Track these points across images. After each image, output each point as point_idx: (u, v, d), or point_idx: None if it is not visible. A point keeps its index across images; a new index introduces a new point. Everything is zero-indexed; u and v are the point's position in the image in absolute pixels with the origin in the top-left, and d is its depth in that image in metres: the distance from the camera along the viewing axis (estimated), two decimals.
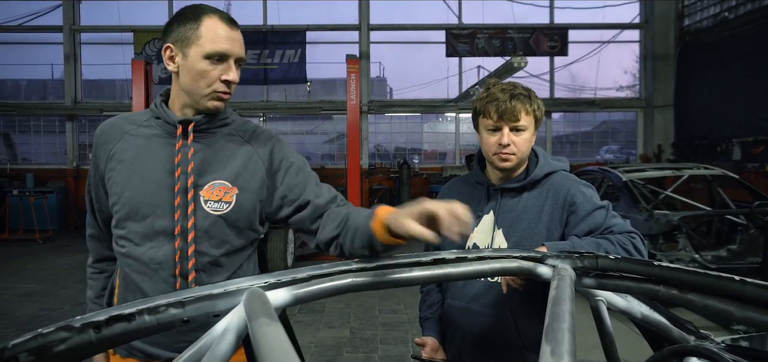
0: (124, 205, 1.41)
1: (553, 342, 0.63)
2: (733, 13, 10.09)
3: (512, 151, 1.60)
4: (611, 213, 1.56)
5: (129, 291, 1.44)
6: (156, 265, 1.40)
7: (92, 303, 1.63)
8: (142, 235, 1.40)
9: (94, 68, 12.49)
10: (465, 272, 1.28)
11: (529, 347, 1.62)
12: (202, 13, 1.39)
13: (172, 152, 1.42)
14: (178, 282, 1.41)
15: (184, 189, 1.40)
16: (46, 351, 1.02)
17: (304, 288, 1.14)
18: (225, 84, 1.40)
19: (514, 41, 11.86)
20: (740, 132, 9.55)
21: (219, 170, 1.44)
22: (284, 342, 0.71)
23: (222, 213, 1.42)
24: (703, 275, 1.03)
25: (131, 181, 1.41)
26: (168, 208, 1.40)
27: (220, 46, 1.37)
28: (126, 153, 1.44)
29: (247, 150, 1.48)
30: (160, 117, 1.45)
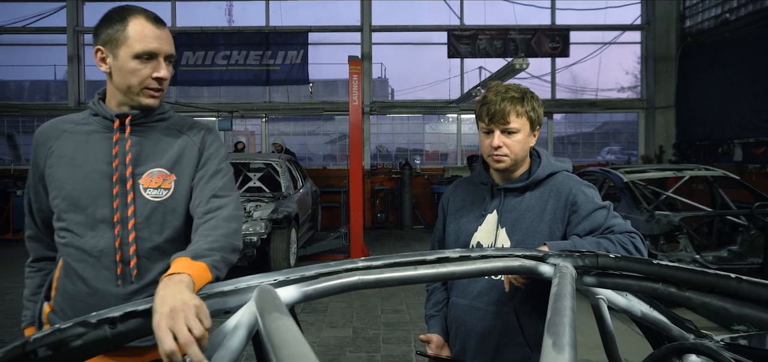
0: (65, 198, 1.47)
1: (555, 335, 0.66)
2: (734, 15, 10.10)
3: (504, 152, 1.63)
4: (612, 214, 1.59)
5: (70, 280, 1.48)
6: (98, 253, 1.45)
7: (27, 301, 1.66)
8: (83, 225, 1.46)
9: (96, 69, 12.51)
10: (468, 270, 1.31)
11: (532, 344, 1.64)
12: (128, 14, 1.44)
13: (110, 144, 1.48)
14: (119, 268, 1.45)
15: (123, 178, 1.46)
16: (63, 345, 1.06)
17: (313, 285, 1.17)
18: (156, 81, 1.46)
19: (515, 42, 11.88)
20: (741, 133, 9.56)
21: (156, 159, 1.50)
22: (297, 335, 0.74)
23: (161, 200, 1.49)
24: (700, 273, 1.06)
25: (71, 174, 1.47)
26: (107, 198, 1.45)
27: (148, 45, 1.42)
28: (65, 149, 1.49)
29: (182, 139, 1.56)
30: (97, 113, 1.51)
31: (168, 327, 0.96)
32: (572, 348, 0.61)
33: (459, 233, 1.77)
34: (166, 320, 0.97)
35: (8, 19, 11.98)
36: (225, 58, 11.82)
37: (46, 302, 1.56)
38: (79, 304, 1.45)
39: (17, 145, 12.70)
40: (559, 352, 0.60)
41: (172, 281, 1.09)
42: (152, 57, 1.44)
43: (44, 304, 1.56)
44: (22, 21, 11.98)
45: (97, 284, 1.45)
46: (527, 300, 1.63)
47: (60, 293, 1.51)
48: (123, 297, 1.44)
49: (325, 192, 11.18)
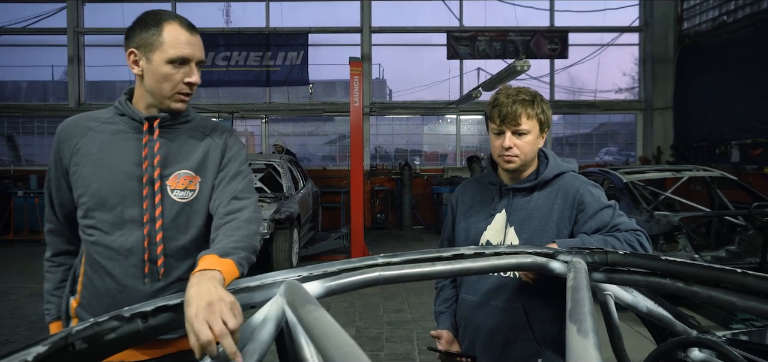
0: (92, 197, 1.50)
1: (578, 323, 0.71)
2: (731, 17, 10.19)
3: (515, 153, 1.68)
4: (618, 212, 1.65)
5: (98, 276, 1.52)
6: (126, 251, 1.49)
7: (50, 295, 1.68)
8: (111, 224, 1.49)
9: (96, 69, 12.54)
10: (482, 267, 1.36)
11: (540, 340, 1.70)
12: (163, 19, 1.48)
13: (139, 146, 1.52)
14: (146, 266, 1.50)
15: (151, 180, 1.51)
16: (98, 338, 1.11)
17: (336, 280, 1.22)
18: (187, 86, 1.50)
19: (514, 44, 11.95)
20: (739, 134, 9.64)
21: (183, 161, 1.55)
22: (335, 325, 0.79)
23: (188, 201, 1.54)
24: (707, 268, 1.11)
25: (98, 173, 1.50)
26: (136, 198, 1.50)
27: (182, 51, 1.46)
28: (91, 148, 1.53)
29: (206, 141, 1.60)
30: (125, 114, 1.55)
31: (205, 319, 1.01)
32: (595, 334, 0.66)
33: (468, 232, 1.82)
34: (204, 312, 1.01)
35: (8, 20, 11.99)
36: (225, 59, 11.86)
37: (71, 296, 1.60)
38: (107, 300, 1.50)
39: (17, 146, 12.70)
40: (585, 337, 0.65)
41: (204, 277, 1.13)
42: (185, 62, 1.48)
43: (71, 299, 1.60)
44: (23, 22, 12.00)
45: (126, 281, 1.49)
46: (535, 296, 1.68)
47: (87, 288, 1.55)
48: (150, 294, 1.49)
49: (325, 192, 11.23)
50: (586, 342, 0.64)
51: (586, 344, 0.63)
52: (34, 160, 12.64)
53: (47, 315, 1.68)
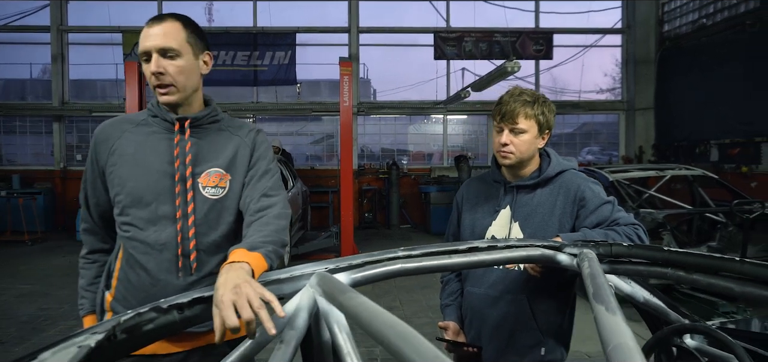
0: (128, 195, 1.56)
1: (604, 303, 0.79)
2: (710, 20, 10.47)
3: (510, 150, 1.77)
4: (617, 208, 1.74)
5: (133, 271, 1.58)
6: (160, 246, 1.55)
7: (85, 291, 1.73)
8: (146, 220, 1.56)
9: (79, 68, 12.38)
10: (495, 259, 1.44)
11: (544, 330, 1.79)
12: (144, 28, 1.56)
13: (171, 145, 1.58)
14: (180, 261, 1.56)
15: (183, 177, 1.57)
16: (137, 329, 1.16)
17: (361, 272, 1.29)
18: (154, 77, 1.52)
19: (500, 44, 12.12)
20: (718, 134, 9.91)
21: (213, 159, 1.61)
22: (379, 308, 0.86)
23: (219, 198, 1.60)
24: (707, 257, 1.21)
25: (133, 173, 1.57)
26: (169, 195, 1.56)
27: (143, 45, 1.53)
28: (127, 148, 1.59)
29: (235, 140, 1.67)
30: (157, 115, 1.61)
31: (232, 301, 1.07)
32: (620, 310, 0.75)
33: (474, 227, 1.90)
34: (230, 295, 1.08)
35: None
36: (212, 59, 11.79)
37: (106, 290, 1.65)
38: (141, 293, 1.55)
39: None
40: (613, 314, 0.73)
41: (233, 268, 1.19)
42: (148, 56, 1.53)
43: (105, 293, 1.65)
44: (4, 19, 11.81)
45: (160, 275, 1.55)
46: (539, 289, 1.77)
47: (122, 282, 1.61)
48: (183, 288, 1.54)
49: (314, 192, 11.25)
50: (616, 318, 0.72)
51: (616, 319, 0.71)
52: (16, 160, 12.44)
53: (81, 310, 1.73)
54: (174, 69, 1.54)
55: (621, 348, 0.63)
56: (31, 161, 12.34)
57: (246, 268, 1.22)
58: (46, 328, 5.05)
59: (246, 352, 1.18)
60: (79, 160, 12.17)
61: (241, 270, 1.19)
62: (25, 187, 11.01)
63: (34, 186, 11.16)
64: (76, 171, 11.69)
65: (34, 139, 12.51)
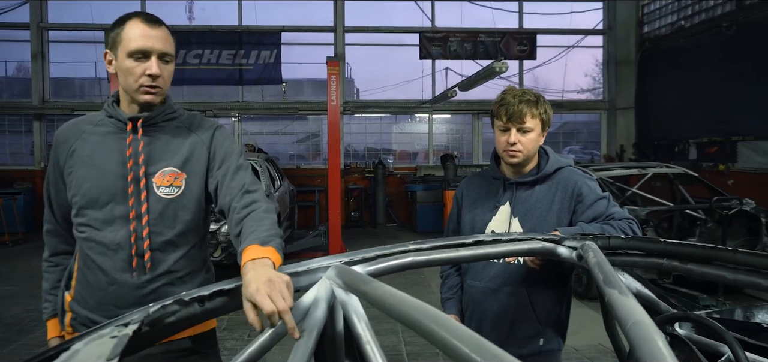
0: (84, 196, 1.57)
1: (616, 287, 0.86)
2: (688, 22, 10.74)
3: (518, 149, 1.84)
4: (612, 203, 1.82)
5: (90, 271, 1.59)
6: (115, 246, 1.56)
7: (48, 294, 1.74)
8: (102, 221, 1.57)
9: (57, 66, 12.18)
10: (500, 251, 1.51)
11: (542, 320, 1.86)
12: (127, 17, 1.55)
13: (124, 146, 1.59)
14: (134, 260, 1.57)
15: (137, 177, 1.57)
16: (159, 322, 1.20)
17: (374, 265, 1.34)
18: (150, 78, 1.54)
19: (485, 44, 12.25)
20: (696, 133, 10.17)
21: (168, 159, 1.61)
22: (402, 293, 0.92)
23: (173, 197, 1.60)
24: (700, 247, 1.29)
25: (90, 173, 1.58)
26: (123, 196, 1.57)
27: (140, 43, 1.52)
28: (84, 149, 1.60)
29: (192, 139, 1.66)
30: (112, 115, 1.62)
31: (267, 293, 1.10)
32: (631, 293, 0.81)
33: (474, 223, 1.97)
34: (265, 287, 1.11)
35: None
36: (197, 57, 11.72)
37: (66, 291, 1.66)
38: (99, 293, 1.57)
39: None
40: (626, 296, 0.80)
41: (258, 264, 1.22)
42: (145, 55, 1.53)
43: (65, 293, 1.66)
44: None
45: (115, 274, 1.56)
46: (537, 281, 1.84)
47: (80, 282, 1.62)
48: (138, 286, 1.57)
49: (300, 191, 11.25)
50: (630, 300, 0.78)
51: (630, 301, 0.77)
52: None
53: (45, 313, 1.73)
54: (167, 73, 1.58)
55: (639, 324, 0.69)
56: (9, 161, 12.10)
57: (269, 264, 1.25)
58: (33, 330, 5.00)
59: (265, 344, 1.22)
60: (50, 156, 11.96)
61: (267, 266, 1.22)
62: (4, 187, 10.80)
63: (13, 186, 10.96)
64: None
65: (12, 139, 12.27)
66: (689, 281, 5.68)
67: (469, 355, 0.66)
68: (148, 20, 1.55)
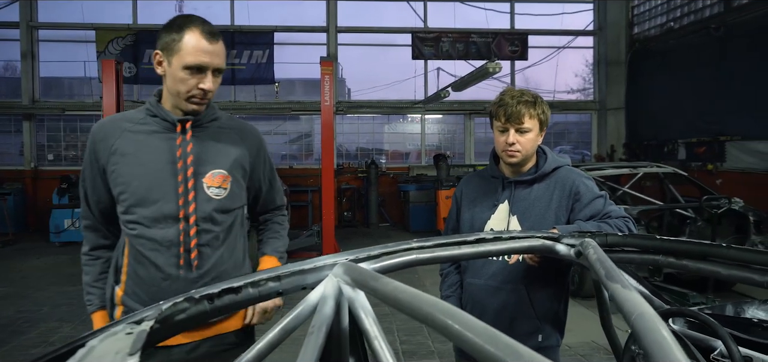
0: (133, 194, 1.61)
1: (619, 281, 0.89)
2: (678, 23, 10.87)
3: (517, 149, 1.88)
4: (609, 202, 1.87)
5: (142, 267, 1.63)
6: (167, 243, 1.61)
7: (91, 287, 1.77)
8: (151, 219, 1.61)
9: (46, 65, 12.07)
10: (500, 249, 1.54)
11: (540, 316, 1.90)
12: (186, 25, 1.57)
13: (173, 146, 1.63)
14: (182, 259, 1.62)
15: (186, 177, 1.63)
16: (170, 319, 1.22)
17: (379, 262, 1.37)
18: (202, 91, 1.59)
19: (477, 45, 12.33)
20: (685, 133, 10.30)
21: (216, 161, 1.68)
22: (414, 289, 0.94)
23: (220, 198, 1.68)
24: (695, 244, 1.33)
25: (136, 172, 1.62)
26: (173, 195, 1.61)
27: (198, 59, 1.56)
28: (128, 148, 1.63)
29: (239, 145, 1.75)
30: (157, 115, 1.65)
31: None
32: (634, 287, 0.85)
33: (473, 221, 2.00)
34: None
35: None
36: None
37: (116, 285, 1.69)
38: (153, 288, 1.60)
39: None
40: (629, 290, 0.83)
41: None
42: (201, 69, 1.57)
43: (115, 288, 1.69)
44: None
45: (169, 270, 1.61)
46: (537, 278, 1.88)
47: (131, 277, 1.65)
48: (190, 282, 1.60)
49: (292, 191, 11.24)
50: (632, 293, 0.81)
51: (633, 294, 0.81)
52: None
53: (90, 306, 1.75)
54: (217, 86, 1.64)
55: (643, 316, 0.72)
56: None
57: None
58: (27, 330, 4.97)
59: (273, 340, 1.25)
60: (50, 159, 11.89)
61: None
62: None
63: (3, 187, 10.85)
64: (47, 171, 11.42)
65: (1, 139, 12.16)
66: (679, 279, 5.77)
67: (483, 346, 0.69)
68: (208, 35, 1.57)
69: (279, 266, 1.36)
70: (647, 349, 0.65)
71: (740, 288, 6.03)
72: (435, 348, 4.59)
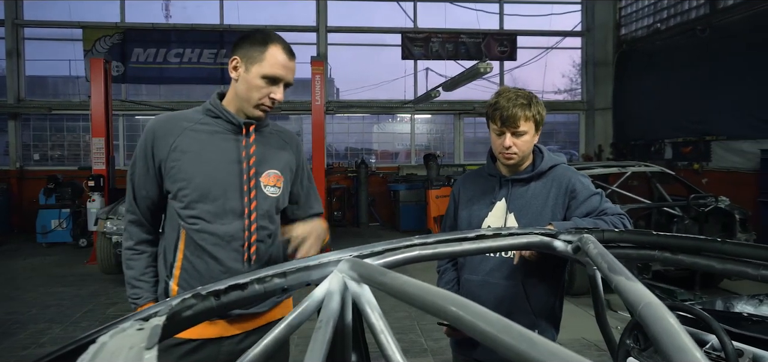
0: (195, 189, 1.69)
1: (622, 274, 0.92)
2: (664, 25, 11.02)
3: (514, 151, 1.90)
4: (604, 199, 1.90)
5: (201, 261, 1.70)
6: (229, 238, 1.70)
7: (137, 281, 1.80)
8: (213, 214, 1.69)
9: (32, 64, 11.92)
10: (500, 245, 1.57)
11: (536, 312, 1.93)
12: (270, 41, 1.71)
13: (238, 146, 1.75)
14: (245, 254, 1.72)
15: (248, 176, 1.73)
16: (177, 315, 1.23)
17: (382, 258, 1.39)
18: (272, 101, 1.74)
19: (466, 45, 12.40)
20: (672, 133, 10.45)
21: (271, 162, 1.81)
22: (422, 282, 0.97)
23: (275, 196, 1.81)
24: (691, 239, 1.36)
25: (200, 169, 1.70)
26: (237, 192, 1.72)
27: (277, 71, 1.70)
28: (190, 146, 1.71)
29: (287, 150, 1.89)
30: (219, 116, 1.75)
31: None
32: (636, 279, 0.88)
33: (471, 219, 2.03)
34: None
35: None
36: (177, 56, 11.61)
37: (169, 280, 1.74)
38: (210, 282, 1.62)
39: None
40: (633, 282, 0.86)
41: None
42: (276, 81, 1.71)
43: (169, 282, 1.74)
44: None
45: (229, 264, 1.69)
46: (533, 274, 1.91)
47: (187, 271, 1.71)
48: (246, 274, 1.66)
49: None
50: (636, 284, 0.84)
51: (637, 285, 0.84)
52: None
53: (138, 299, 1.77)
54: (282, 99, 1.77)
55: (650, 305, 0.75)
56: None
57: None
58: (16, 332, 4.92)
59: (279, 336, 1.26)
60: (36, 159, 11.75)
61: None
62: None
63: None
64: (33, 171, 11.28)
65: None
66: (667, 277, 5.86)
67: (497, 336, 0.71)
68: (289, 52, 1.73)
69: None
70: (656, 337, 0.67)
71: (726, 285, 6.14)
72: (428, 346, 4.62)
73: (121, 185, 9.02)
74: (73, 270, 7.51)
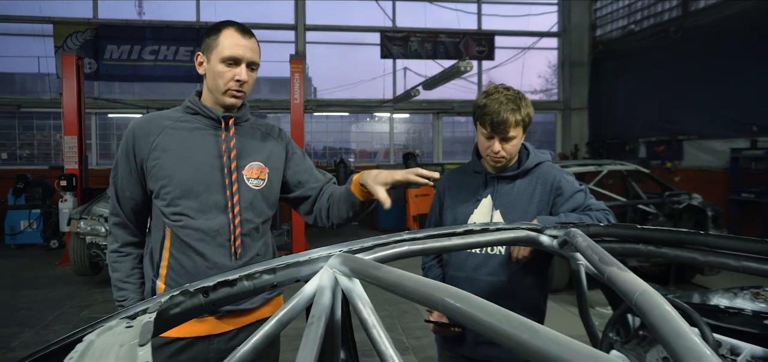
0: (177, 186, 1.67)
1: (614, 264, 0.94)
2: (638, 26, 11.26)
3: (502, 155, 1.90)
4: (589, 195, 1.93)
5: (187, 257, 1.68)
6: (214, 233, 1.68)
7: (123, 283, 1.78)
8: (197, 210, 1.68)
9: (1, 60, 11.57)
10: (488, 240, 1.58)
11: (523, 308, 1.94)
12: (223, 26, 1.70)
13: (217, 140, 1.73)
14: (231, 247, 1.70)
15: (229, 170, 1.71)
16: (165, 313, 1.21)
17: (373, 253, 1.39)
18: (238, 83, 1.70)
19: (445, 45, 12.46)
20: (645, 133, 10.68)
21: (254, 154, 1.79)
22: (417, 275, 0.97)
23: (260, 188, 1.78)
24: (674, 232, 1.39)
25: (181, 165, 1.68)
26: (219, 186, 1.71)
27: (233, 51, 1.67)
28: (170, 143, 1.69)
29: (271, 142, 1.87)
30: (199, 112, 1.74)
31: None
32: (627, 269, 0.89)
33: (456, 216, 2.03)
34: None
35: None
36: (153, 54, 11.40)
37: (156, 279, 1.72)
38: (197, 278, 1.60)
39: None
40: (625, 271, 0.88)
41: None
42: (236, 62, 1.68)
43: (156, 281, 1.71)
44: None
45: (215, 258, 1.67)
46: (518, 270, 1.92)
47: (174, 269, 1.68)
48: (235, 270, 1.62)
49: None
50: (629, 274, 0.86)
51: (630, 275, 0.85)
52: None
53: (124, 302, 1.75)
54: (251, 80, 1.74)
55: (645, 293, 0.77)
56: None
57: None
58: None
59: (269, 332, 1.25)
60: (4, 158, 11.41)
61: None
62: None
63: None
64: (1, 170, 10.94)
65: None
66: (641, 273, 5.98)
67: (497, 326, 0.72)
68: (242, 31, 1.70)
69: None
70: (654, 324, 0.69)
71: (699, 281, 6.30)
72: (410, 344, 4.64)
73: (95, 185, 8.84)
74: (44, 272, 7.31)
